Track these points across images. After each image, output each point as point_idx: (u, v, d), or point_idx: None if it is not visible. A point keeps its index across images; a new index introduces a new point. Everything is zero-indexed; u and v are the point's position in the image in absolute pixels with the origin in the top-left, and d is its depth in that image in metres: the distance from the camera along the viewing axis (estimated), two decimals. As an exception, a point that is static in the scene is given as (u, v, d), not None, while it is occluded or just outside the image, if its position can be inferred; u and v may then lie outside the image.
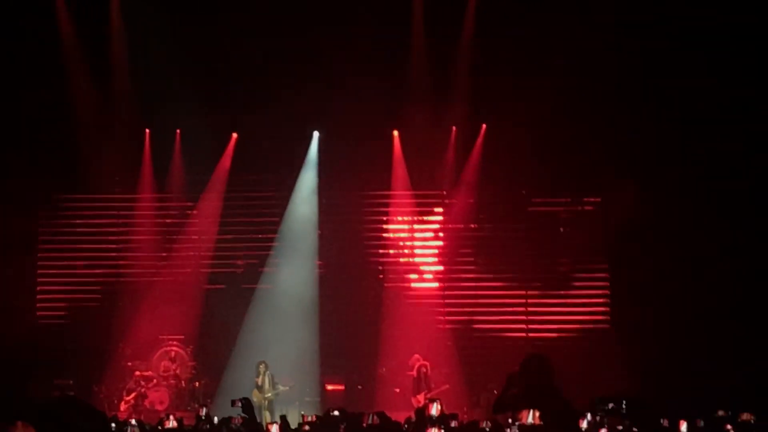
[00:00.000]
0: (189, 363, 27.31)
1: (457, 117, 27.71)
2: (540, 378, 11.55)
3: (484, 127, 27.99)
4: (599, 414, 11.71)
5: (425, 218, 28.58)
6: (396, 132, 28.36)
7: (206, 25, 26.68)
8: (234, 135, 28.49)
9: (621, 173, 26.70)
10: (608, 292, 27.30)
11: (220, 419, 17.92)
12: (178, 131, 28.30)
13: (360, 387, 27.48)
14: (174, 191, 28.69)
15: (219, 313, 28.02)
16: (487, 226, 28.71)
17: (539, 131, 26.78)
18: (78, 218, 28.83)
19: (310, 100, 26.91)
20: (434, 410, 16.59)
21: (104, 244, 29.02)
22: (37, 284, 28.25)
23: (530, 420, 10.15)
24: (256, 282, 28.54)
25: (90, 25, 26.94)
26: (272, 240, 28.61)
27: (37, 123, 27.34)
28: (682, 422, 15.84)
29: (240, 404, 14.83)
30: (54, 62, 26.76)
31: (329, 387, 27.29)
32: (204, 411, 19.55)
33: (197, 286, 28.42)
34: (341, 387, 27.26)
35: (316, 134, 28.62)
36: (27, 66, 26.49)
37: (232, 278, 28.66)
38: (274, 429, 15.52)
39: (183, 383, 27.08)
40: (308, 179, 28.59)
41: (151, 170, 28.44)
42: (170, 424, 16.44)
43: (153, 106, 27.30)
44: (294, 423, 18.87)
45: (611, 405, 11.55)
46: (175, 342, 27.50)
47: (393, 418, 17.88)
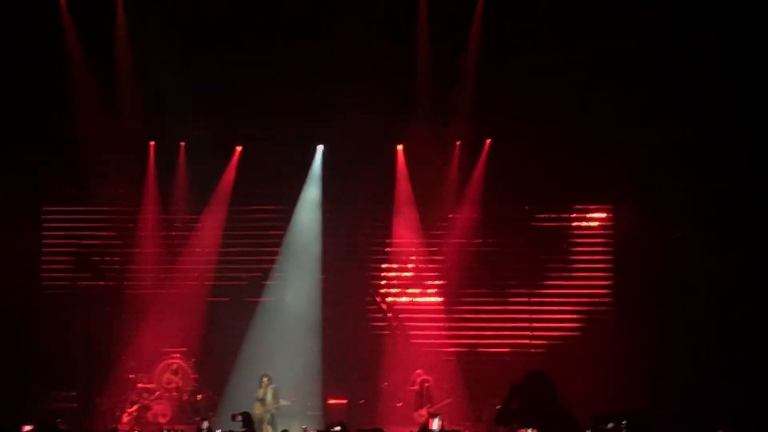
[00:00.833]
0: (191, 376, 27.34)
1: (461, 132, 27.67)
2: (541, 395, 11.51)
3: (488, 143, 27.97)
4: None
5: (428, 233, 28.52)
6: (400, 147, 28.36)
7: (211, 40, 26.74)
8: (238, 148, 28.51)
9: (625, 188, 26.72)
10: (613, 308, 27.22)
11: (222, 433, 18.01)
12: (183, 144, 28.30)
13: (362, 401, 27.45)
14: (178, 204, 28.66)
15: (222, 326, 28.04)
16: (491, 241, 28.66)
17: (543, 146, 26.81)
18: (82, 230, 28.79)
19: (315, 115, 26.95)
20: (435, 425, 16.64)
21: (108, 257, 29.00)
22: (41, 296, 28.26)
23: (529, 438, 10.18)
24: (260, 295, 28.56)
25: (95, 40, 26.97)
26: (276, 253, 28.61)
27: (41, 136, 27.39)
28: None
29: (240, 418, 14.87)
30: (59, 76, 26.79)
31: (331, 401, 27.27)
32: (206, 425, 19.67)
33: (200, 299, 28.41)
34: (343, 401, 27.23)
35: (320, 148, 28.61)
36: (33, 78, 26.53)
37: (236, 291, 28.66)
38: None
39: (185, 396, 27.10)
40: (312, 193, 28.58)
41: (156, 183, 28.44)
42: (170, 438, 16.54)
43: (157, 119, 27.36)
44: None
45: (611, 424, 11.54)
46: (178, 355, 27.55)
47: (395, 433, 17.96)
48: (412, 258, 28.94)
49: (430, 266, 28.83)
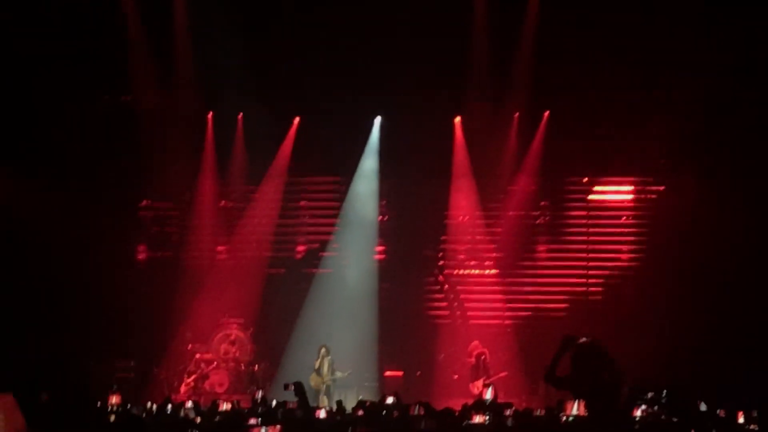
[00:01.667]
0: (249, 346, 27.43)
1: (520, 103, 27.54)
2: (591, 368, 11.26)
3: (547, 114, 27.80)
4: (638, 402, 11.53)
5: (486, 205, 28.41)
6: (458, 118, 28.24)
7: (269, 11, 26.71)
8: (296, 119, 28.52)
9: (685, 161, 26.45)
10: (669, 280, 26.91)
11: (277, 403, 18.03)
12: (240, 116, 28.35)
13: (418, 373, 27.43)
14: (235, 175, 28.74)
15: (279, 297, 28.11)
16: (549, 214, 28.54)
17: (602, 118, 26.58)
18: (140, 201, 28.96)
19: (373, 86, 26.84)
20: (489, 394, 16.63)
21: (166, 227, 29.17)
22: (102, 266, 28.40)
23: (575, 411, 10.03)
24: (317, 266, 28.61)
25: (153, 11, 27.02)
26: (332, 225, 28.65)
27: (100, 108, 27.58)
28: (740, 413, 15.72)
29: (292, 388, 14.86)
30: (117, 47, 26.87)
31: (388, 373, 27.26)
32: (260, 394, 19.65)
33: (258, 270, 28.51)
34: (400, 373, 27.20)
35: (378, 120, 28.57)
36: (91, 49, 26.61)
37: (293, 262, 28.76)
38: (322, 413, 15.56)
39: (242, 366, 27.21)
40: (369, 165, 28.56)
41: (214, 154, 28.53)
42: (224, 407, 16.59)
43: (215, 91, 27.40)
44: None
45: (650, 394, 11.37)
46: (236, 325, 27.64)
47: (450, 405, 17.89)
48: (470, 230, 28.83)
49: (488, 238, 28.73)
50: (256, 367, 27.10)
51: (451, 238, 28.97)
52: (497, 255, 28.53)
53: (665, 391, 11.47)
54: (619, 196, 28.53)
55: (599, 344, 11.19)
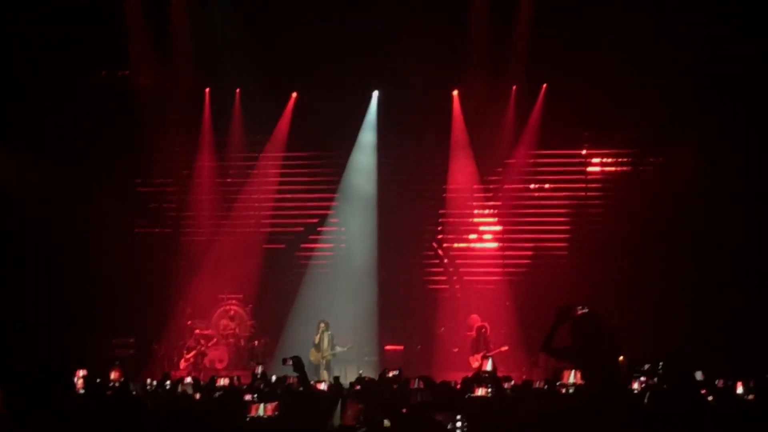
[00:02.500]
0: (248, 322, 27.44)
1: (517, 76, 27.48)
2: (589, 337, 11.19)
3: (545, 87, 27.75)
4: (635, 374, 11.51)
5: (484, 178, 28.39)
6: (456, 92, 28.19)
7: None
8: (293, 94, 28.47)
9: (682, 133, 26.41)
10: (667, 253, 26.86)
11: (276, 378, 18.03)
12: (238, 91, 28.32)
13: (419, 347, 27.45)
14: (234, 151, 28.72)
15: (278, 273, 28.12)
16: (547, 186, 28.54)
17: (600, 91, 26.52)
18: (138, 177, 28.92)
19: (370, 60, 26.79)
20: (489, 366, 16.62)
21: (164, 203, 29.16)
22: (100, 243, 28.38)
23: (572, 380, 10.02)
24: (315, 241, 28.61)
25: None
26: (331, 200, 28.63)
27: (98, 84, 27.55)
28: (739, 383, 15.73)
29: (291, 362, 14.84)
30: (116, 24, 26.78)
31: (388, 347, 27.26)
32: (260, 369, 19.65)
33: (257, 246, 28.54)
34: (400, 347, 27.21)
35: (376, 94, 28.53)
36: (90, 29, 26.52)
37: (292, 238, 28.75)
38: (323, 386, 15.56)
39: (242, 342, 27.23)
40: (368, 139, 28.52)
41: (211, 130, 28.51)
42: (222, 383, 16.60)
43: (213, 66, 27.37)
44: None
45: (647, 366, 11.34)
46: (235, 301, 27.63)
47: (450, 378, 17.92)
48: (468, 203, 28.83)
49: (486, 211, 28.72)
50: (256, 343, 27.11)
51: (450, 212, 28.94)
52: (496, 228, 28.50)
53: (662, 363, 11.44)
54: (617, 168, 28.49)
55: (597, 315, 11.14)
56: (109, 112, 27.71)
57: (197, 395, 15.69)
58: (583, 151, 28.53)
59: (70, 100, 27.20)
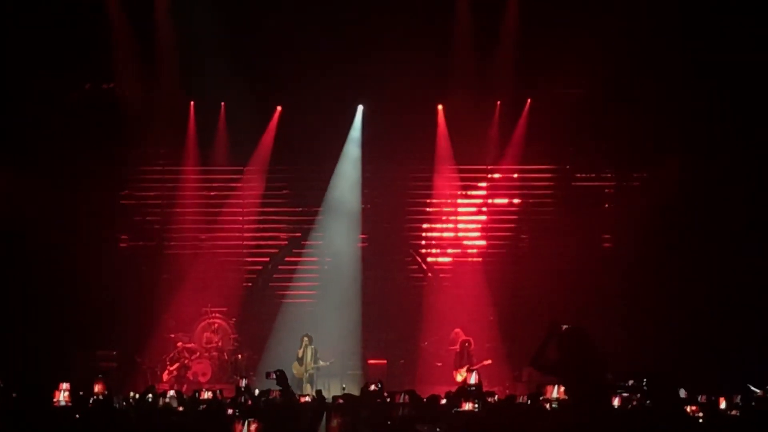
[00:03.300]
0: (232, 335, 27.38)
1: (502, 91, 27.55)
2: (576, 353, 11.20)
3: (529, 102, 27.83)
4: (619, 390, 11.52)
5: (468, 193, 28.43)
6: (440, 106, 28.25)
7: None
8: (278, 108, 28.47)
9: (666, 149, 26.49)
10: (652, 269, 26.91)
11: (260, 392, 18.02)
12: (223, 104, 28.29)
13: (402, 361, 27.43)
14: (218, 164, 28.68)
15: (262, 286, 28.07)
16: (531, 201, 28.58)
17: (584, 106, 26.60)
18: (122, 190, 28.86)
19: (355, 74, 26.84)
20: (473, 380, 16.66)
21: (149, 216, 29.10)
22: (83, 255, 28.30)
23: (555, 395, 10.02)
24: (300, 255, 28.60)
25: (136, 1, 26.93)
26: (315, 213, 28.60)
27: (83, 94, 27.52)
28: (722, 399, 15.75)
29: (274, 376, 14.82)
30: (100, 37, 26.76)
31: (371, 361, 27.24)
32: (244, 383, 19.65)
33: (240, 259, 28.51)
34: (383, 361, 27.18)
35: (361, 108, 28.54)
36: (74, 40, 26.48)
37: (276, 251, 28.72)
38: (306, 400, 15.53)
39: (225, 355, 27.15)
40: (352, 153, 28.52)
41: (196, 143, 28.47)
42: (205, 396, 16.57)
43: (197, 80, 27.33)
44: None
45: (631, 382, 11.35)
46: (218, 314, 27.56)
47: (434, 392, 17.90)
48: (452, 217, 28.86)
49: (470, 225, 28.74)
50: (239, 356, 27.05)
51: (434, 226, 28.96)
52: (480, 243, 28.53)
53: (645, 380, 11.45)
54: (600, 183, 28.55)
55: (583, 330, 11.16)
56: (94, 125, 27.64)
57: (180, 408, 15.66)
58: (567, 166, 28.56)
59: (54, 113, 27.10)
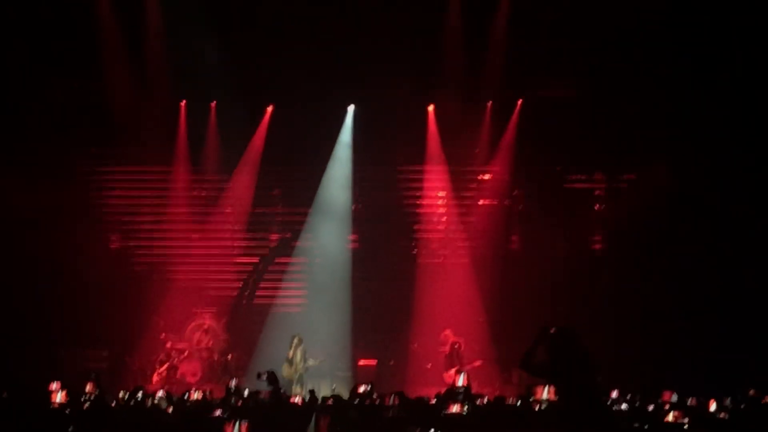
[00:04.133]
0: (222, 336, 27.38)
1: (493, 92, 27.54)
2: (565, 354, 11.19)
3: (520, 103, 27.83)
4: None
5: (459, 194, 28.42)
6: (431, 107, 28.24)
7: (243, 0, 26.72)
8: (269, 108, 28.44)
9: (656, 150, 26.51)
10: (641, 271, 26.92)
11: (249, 392, 17.99)
12: (213, 104, 28.25)
13: (392, 362, 27.42)
14: (209, 164, 28.65)
15: (252, 287, 28.05)
16: (521, 203, 28.57)
17: (575, 108, 26.62)
18: (112, 190, 28.82)
19: (346, 74, 26.81)
20: (461, 381, 16.63)
21: (139, 216, 29.04)
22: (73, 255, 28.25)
23: (545, 396, 10.00)
24: (290, 255, 28.56)
25: (127, 1, 26.89)
26: (306, 214, 28.56)
27: (74, 95, 27.50)
28: (712, 401, 15.76)
29: (264, 377, 14.82)
30: (91, 37, 26.72)
31: (361, 362, 27.23)
32: (233, 383, 19.61)
33: (231, 260, 28.49)
34: (373, 362, 27.18)
35: (351, 108, 28.52)
36: (64, 40, 26.46)
37: (266, 252, 28.69)
38: (297, 401, 15.51)
39: (215, 356, 27.13)
40: (343, 153, 28.49)
41: (186, 143, 28.43)
42: (195, 396, 16.54)
43: (188, 80, 27.28)
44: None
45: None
46: (208, 315, 27.55)
47: (423, 394, 17.89)
48: (443, 218, 28.85)
49: (461, 226, 28.73)
50: (230, 357, 27.04)
51: (425, 227, 28.95)
52: (470, 243, 28.52)
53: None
54: (591, 185, 28.56)
55: (573, 331, 11.16)
56: (83, 124, 27.61)
57: (170, 409, 15.63)
58: (557, 168, 28.55)
59: (43, 113, 27.08)
